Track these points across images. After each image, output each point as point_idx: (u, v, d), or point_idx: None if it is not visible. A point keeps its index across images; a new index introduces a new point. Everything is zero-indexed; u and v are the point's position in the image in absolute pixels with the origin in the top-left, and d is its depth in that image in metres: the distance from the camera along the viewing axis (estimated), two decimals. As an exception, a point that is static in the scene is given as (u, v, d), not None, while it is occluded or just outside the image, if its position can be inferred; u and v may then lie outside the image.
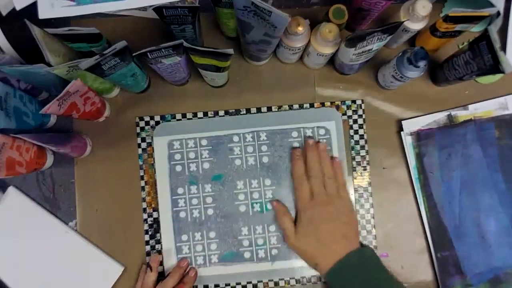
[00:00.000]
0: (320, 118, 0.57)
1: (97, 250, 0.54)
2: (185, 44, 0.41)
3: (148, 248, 0.55)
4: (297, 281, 0.55)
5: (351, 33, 0.53)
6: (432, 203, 0.55)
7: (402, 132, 0.56)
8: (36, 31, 0.44)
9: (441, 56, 0.56)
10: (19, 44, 0.49)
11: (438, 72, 0.56)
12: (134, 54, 0.42)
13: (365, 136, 0.57)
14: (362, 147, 0.57)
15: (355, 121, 0.57)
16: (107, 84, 0.53)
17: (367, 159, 0.57)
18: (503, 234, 0.54)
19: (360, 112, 0.57)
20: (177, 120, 0.57)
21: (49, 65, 0.45)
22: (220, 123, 0.56)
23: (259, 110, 0.57)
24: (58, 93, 0.41)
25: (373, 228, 0.56)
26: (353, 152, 0.57)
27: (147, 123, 0.56)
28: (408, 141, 0.56)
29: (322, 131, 0.56)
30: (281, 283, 0.55)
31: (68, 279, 0.54)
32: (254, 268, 0.55)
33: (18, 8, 0.45)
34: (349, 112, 0.57)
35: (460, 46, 0.58)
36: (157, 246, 0.55)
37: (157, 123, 0.56)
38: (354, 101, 0.57)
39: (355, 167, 0.57)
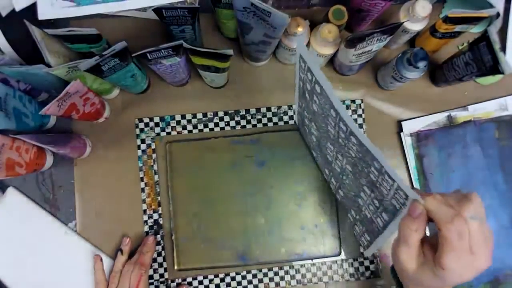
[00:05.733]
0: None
1: (96, 251, 0.54)
2: (184, 45, 0.42)
3: (147, 249, 0.55)
4: (298, 281, 0.55)
5: (350, 34, 0.53)
6: (432, 204, 0.55)
7: (401, 133, 0.56)
8: (35, 32, 0.44)
9: (440, 57, 0.56)
10: (18, 45, 0.49)
11: (437, 73, 0.56)
12: (133, 55, 0.42)
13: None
14: (362, 148, 0.57)
15: (354, 121, 0.57)
16: (107, 85, 0.53)
17: (367, 159, 0.57)
18: (503, 235, 0.54)
19: (359, 111, 0.57)
20: (177, 121, 0.56)
21: (48, 66, 0.45)
22: None
23: (258, 110, 0.57)
24: (57, 94, 0.41)
25: (373, 229, 0.56)
26: (353, 152, 0.57)
27: (146, 124, 0.56)
28: (408, 141, 0.56)
29: (308, 74, 0.41)
30: (282, 284, 0.55)
31: (68, 280, 0.54)
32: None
33: (17, 9, 0.45)
34: (349, 112, 0.57)
35: (460, 47, 0.58)
36: (157, 248, 0.55)
37: (157, 124, 0.56)
38: (353, 101, 0.57)
39: (355, 168, 0.57)
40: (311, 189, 0.56)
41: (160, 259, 0.55)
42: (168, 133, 0.56)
